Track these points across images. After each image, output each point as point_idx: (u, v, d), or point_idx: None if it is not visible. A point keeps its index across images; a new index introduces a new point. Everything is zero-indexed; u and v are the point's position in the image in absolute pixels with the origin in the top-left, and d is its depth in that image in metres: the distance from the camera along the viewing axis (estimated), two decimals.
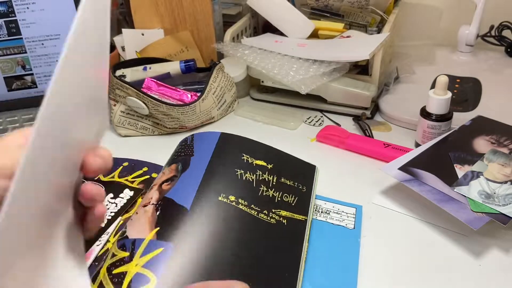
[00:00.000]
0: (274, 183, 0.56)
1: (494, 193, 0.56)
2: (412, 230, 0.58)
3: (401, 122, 0.79)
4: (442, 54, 0.94)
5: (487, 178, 0.58)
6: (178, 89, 0.79)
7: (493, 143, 0.64)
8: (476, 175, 0.59)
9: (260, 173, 0.56)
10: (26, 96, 0.86)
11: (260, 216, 0.52)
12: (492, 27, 0.96)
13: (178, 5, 0.90)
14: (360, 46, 0.81)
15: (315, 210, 0.60)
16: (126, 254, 0.46)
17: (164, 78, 0.82)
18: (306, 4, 0.95)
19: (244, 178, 0.55)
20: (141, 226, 0.49)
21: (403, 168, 0.61)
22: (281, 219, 0.53)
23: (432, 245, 0.55)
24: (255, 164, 0.57)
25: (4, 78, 0.85)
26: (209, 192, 0.52)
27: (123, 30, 0.93)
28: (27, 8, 0.81)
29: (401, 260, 0.53)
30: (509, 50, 0.94)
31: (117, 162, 0.68)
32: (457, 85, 0.84)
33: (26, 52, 0.84)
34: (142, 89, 0.77)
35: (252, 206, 0.52)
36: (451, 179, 0.58)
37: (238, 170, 0.55)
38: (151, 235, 0.47)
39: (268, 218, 0.52)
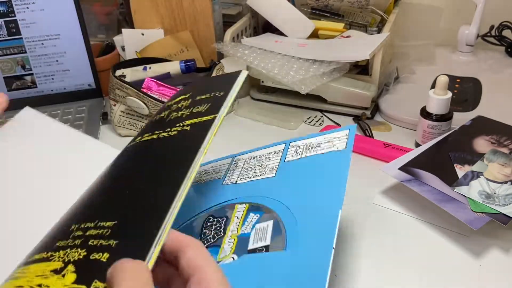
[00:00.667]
0: (187, 105, 0.49)
1: (494, 193, 0.56)
2: (412, 230, 0.58)
3: (401, 122, 0.79)
4: (442, 54, 0.94)
5: (487, 178, 0.58)
6: (178, 89, 0.79)
7: (493, 143, 0.64)
8: (476, 175, 0.59)
9: (176, 105, 0.51)
10: (26, 96, 0.86)
11: (161, 135, 0.46)
12: (492, 27, 0.96)
13: (178, 5, 0.90)
14: (360, 46, 0.81)
15: (305, 148, 0.55)
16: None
17: (164, 78, 0.82)
18: (306, 4, 0.95)
19: (156, 119, 0.50)
20: None
21: (403, 168, 0.61)
22: (185, 127, 0.45)
23: (432, 245, 0.55)
24: (172, 103, 0.52)
25: (4, 78, 0.85)
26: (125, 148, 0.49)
27: (123, 30, 0.93)
28: (27, 8, 0.81)
29: (401, 260, 0.53)
30: (509, 50, 0.94)
31: None
32: (457, 85, 0.84)
33: (26, 52, 0.84)
34: (142, 89, 0.77)
35: (155, 131, 0.47)
36: (451, 179, 0.58)
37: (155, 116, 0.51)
38: None
39: (169, 133, 0.45)
